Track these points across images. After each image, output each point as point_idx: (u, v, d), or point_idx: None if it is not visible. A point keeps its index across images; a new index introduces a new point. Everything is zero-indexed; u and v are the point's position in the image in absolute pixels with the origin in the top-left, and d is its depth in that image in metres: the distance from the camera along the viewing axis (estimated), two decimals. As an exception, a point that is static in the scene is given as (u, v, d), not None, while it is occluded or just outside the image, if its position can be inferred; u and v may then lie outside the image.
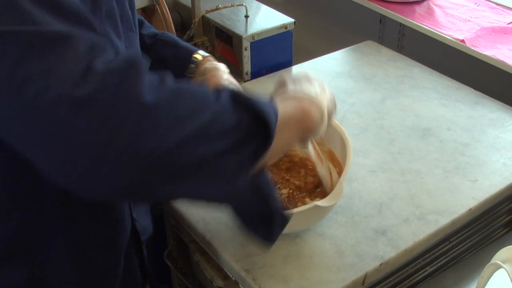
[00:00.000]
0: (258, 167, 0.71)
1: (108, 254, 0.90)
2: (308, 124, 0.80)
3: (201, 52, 1.04)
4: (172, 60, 1.03)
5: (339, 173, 1.06)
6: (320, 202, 0.91)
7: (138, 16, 1.08)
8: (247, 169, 0.70)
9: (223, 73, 0.99)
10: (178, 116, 0.61)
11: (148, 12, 1.54)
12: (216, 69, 1.00)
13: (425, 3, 1.75)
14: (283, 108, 0.75)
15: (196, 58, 1.03)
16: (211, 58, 1.04)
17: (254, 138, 0.68)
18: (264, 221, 0.78)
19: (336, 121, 1.05)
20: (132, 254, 0.96)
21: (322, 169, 1.01)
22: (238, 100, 0.68)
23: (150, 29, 1.07)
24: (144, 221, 0.97)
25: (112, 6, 0.80)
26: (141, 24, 1.07)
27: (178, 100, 0.62)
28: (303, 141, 0.86)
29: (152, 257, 1.04)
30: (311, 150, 0.97)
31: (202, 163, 0.64)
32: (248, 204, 0.76)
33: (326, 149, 1.09)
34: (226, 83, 0.97)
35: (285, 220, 0.80)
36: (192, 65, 1.02)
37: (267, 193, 0.75)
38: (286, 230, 0.98)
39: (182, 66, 1.03)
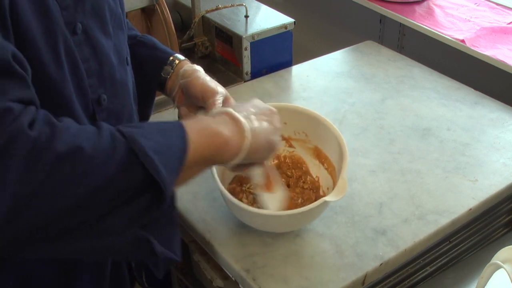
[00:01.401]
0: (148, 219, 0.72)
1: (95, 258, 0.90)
2: (223, 158, 0.79)
3: (178, 55, 1.04)
4: (149, 62, 1.02)
5: (328, 168, 1.06)
6: (328, 198, 0.91)
7: None
8: (135, 225, 0.71)
9: (204, 75, 0.99)
10: (49, 199, 0.62)
11: (148, 12, 1.54)
12: (195, 71, 0.99)
13: (425, 3, 1.75)
14: (199, 140, 0.74)
15: (173, 60, 1.02)
16: (188, 61, 1.04)
17: (147, 197, 0.68)
18: (149, 260, 0.78)
19: (328, 120, 1.05)
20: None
21: (265, 195, 0.96)
22: (132, 156, 0.66)
23: (131, 31, 1.07)
24: None
25: (100, 4, 0.80)
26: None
27: (54, 177, 0.61)
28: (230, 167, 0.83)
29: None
30: (258, 175, 0.92)
31: (82, 227, 0.65)
32: (131, 253, 0.77)
33: (311, 145, 1.09)
34: (213, 84, 0.96)
35: (171, 261, 0.79)
36: (167, 67, 1.02)
37: (152, 246, 0.75)
38: (289, 228, 0.99)
39: (158, 67, 1.02)
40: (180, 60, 1.02)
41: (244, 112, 0.84)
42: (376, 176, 1.13)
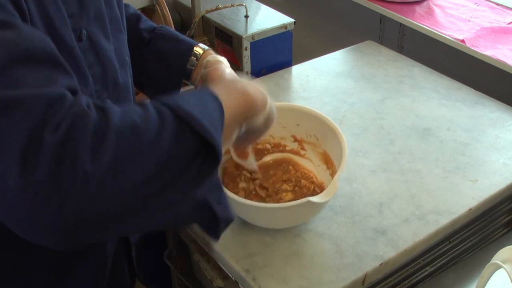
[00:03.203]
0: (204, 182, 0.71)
1: (96, 257, 0.90)
2: (252, 112, 0.79)
3: (201, 45, 1.04)
4: (172, 54, 1.03)
5: (332, 174, 1.06)
6: (313, 198, 0.90)
7: (134, 10, 1.08)
8: (194, 189, 0.70)
9: (225, 67, 0.99)
10: (122, 177, 0.60)
11: (148, 12, 1.54)
12: (218, 62, 1.00)
13: (425, 3, 1.75)
14: (229, 103, 0.74)
15: (197, 51, 1.03)
16: (212, 51, 1.04)
17: (199, 162, 0.67)
18: (209, 223, 0.78)
19: (330, 118, 1.05)
20: (121, 255, 0.96)
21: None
22: (182, 124, 0.66)
23: (147, 22, 1.07)
24: None
25: (101, 9, 0.81)
26: (138, 18, 1.06)
27: (120, 155, 0.61)
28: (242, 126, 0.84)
29: (143, 257, 1.04)
30: (251, 163, 0.97)
31: (147, 203, 0.64)
32: (194, 219, 0.76)
33: (320, 150, 1.09)
34: (229, 77, 0.97)
35: (228, 221, 0.79)
36: (193, 58, 1.02)
37: (212, 208, 0.75)
38: (280, 225, 0.99)
39: (182, 59, 1.03)
40: (204, 50, 1.03)
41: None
42: (376, 176, 1.13)
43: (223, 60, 1.01)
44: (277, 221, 0.99)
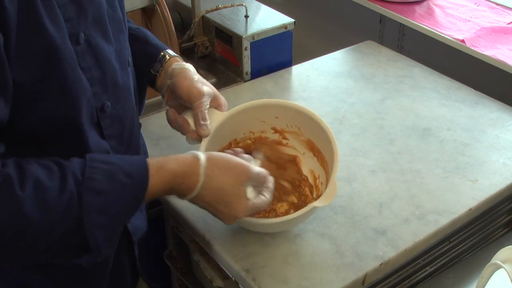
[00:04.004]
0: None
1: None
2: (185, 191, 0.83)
3: (169, 51, 1.03)
4: (139, 56, 1.01)
5: (321, 162, 1.05)
6: (317, 203, 0.90)
7: None
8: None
9: (193, 74, 0.97)
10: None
11: (148, 12, 1.54)
12: (184, 70, 0.98)
13: (425, 3, 1.75)
14: (156, 186, 0.78)
15: (163, 56, 1.01)
16: (178, 58, 1.02)
17: (73, 254, 0.76)
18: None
19: (316, 114, 1.03)
20: (123, 254, 0.96)
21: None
22: (79, 224, 0.72)
23: (127, 23, 1.06)
24: (137, 220, 0.97)
25: (100, 11, 0.80)
26: None
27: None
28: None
29: (145, 256, 1.04)
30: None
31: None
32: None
33: (304, 138, 1.08)
34: (199, 85, 0.95)
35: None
36: (157, 64, 1.01)
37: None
38: (282, 229, 0.99)
39: (147, 63, 1.01)
40: (170, 56, 1.01)
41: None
42: (376, 176, 1.13)
43: (189, 67, 0.99)
44: (281, 228, 1.00)
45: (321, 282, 0.91)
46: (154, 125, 1.27)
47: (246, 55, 1.48)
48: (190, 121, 0.97)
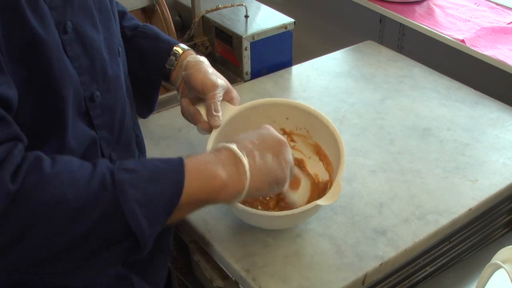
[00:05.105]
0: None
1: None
2: (219, 200, 0.79)
3: (182, 45, 1.03)
4: (151, 53, 1.02)
5: (327, 167, 1.06)
6: (320, 201, 0.91)
7: (122, 7, 1.07)
8: (115, 265, 0.75)
9: (207, 67, 0.98)
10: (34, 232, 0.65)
11: (148, 12, 1.54)
12: (198, 62, 0.98)
13: (425, 3, 1.75)
14: (196, 183, 0.75)
15: (176, 51, 1.02)
16: (192, 51, 1.03)
17: (126, 243, 0.71)
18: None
19: (328, 118, 1.04)
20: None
21: (294, 195, 0.99)
22: (118, 204, 0.68)
23: (132, 21, 1.06)
24: None
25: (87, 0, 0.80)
26: (123, 15, 1.05)
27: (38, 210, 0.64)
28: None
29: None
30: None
31: (65, 268, 0.70)
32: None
33: (312, 142, 1.09)
34: (213, 77, 0.96)
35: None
36: (171, 58, 1.01)
37: (131, 282, 0.81)
38: (283, 227, 0.99)
39: (161, 58, 1.02)
40: (184, 50, 1.02)
41: (250, 145, 0.82)
42: (376, 176, 1.13)
43: (204, 60, 1.00)
44: (282, 225, 1.00)
45: (321, 282, 0.91)
46: (154, 125, 1.27)
47: (246, 55, 1.48)
48: (203, 112, 0.98)
